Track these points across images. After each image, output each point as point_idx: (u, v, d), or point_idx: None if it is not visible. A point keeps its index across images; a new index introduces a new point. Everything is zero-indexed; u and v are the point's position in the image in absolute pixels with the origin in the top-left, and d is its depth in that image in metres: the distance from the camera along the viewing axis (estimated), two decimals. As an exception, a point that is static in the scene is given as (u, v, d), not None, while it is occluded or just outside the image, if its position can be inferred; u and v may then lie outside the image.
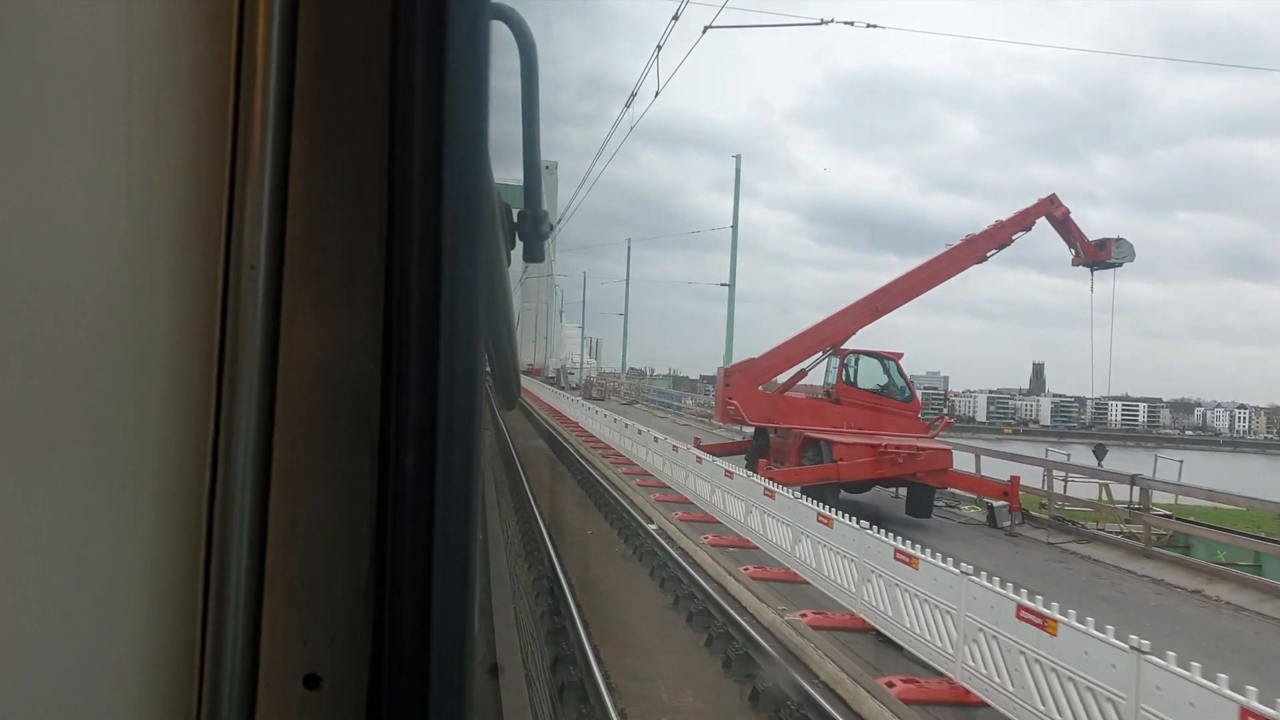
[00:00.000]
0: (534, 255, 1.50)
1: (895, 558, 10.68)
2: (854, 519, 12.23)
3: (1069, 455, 21.98)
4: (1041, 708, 7.87)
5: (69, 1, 0.85)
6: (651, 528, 15.85)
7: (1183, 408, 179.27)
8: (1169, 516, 18.98)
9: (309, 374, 0.93)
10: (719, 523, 16.59)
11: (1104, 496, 20.13)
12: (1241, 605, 14.52)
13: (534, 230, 1.47)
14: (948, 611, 9.48)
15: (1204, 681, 6.17)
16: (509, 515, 16.47)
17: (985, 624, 8.78)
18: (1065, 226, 23.45)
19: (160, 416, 0.90)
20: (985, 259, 22.81)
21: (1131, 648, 6.89)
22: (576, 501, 19.83)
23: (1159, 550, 17.70)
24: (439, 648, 0.91)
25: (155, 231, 0.90)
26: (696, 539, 15.06)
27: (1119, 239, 22.90)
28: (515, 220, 1.45)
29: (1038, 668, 7.98)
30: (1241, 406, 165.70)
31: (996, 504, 20.07)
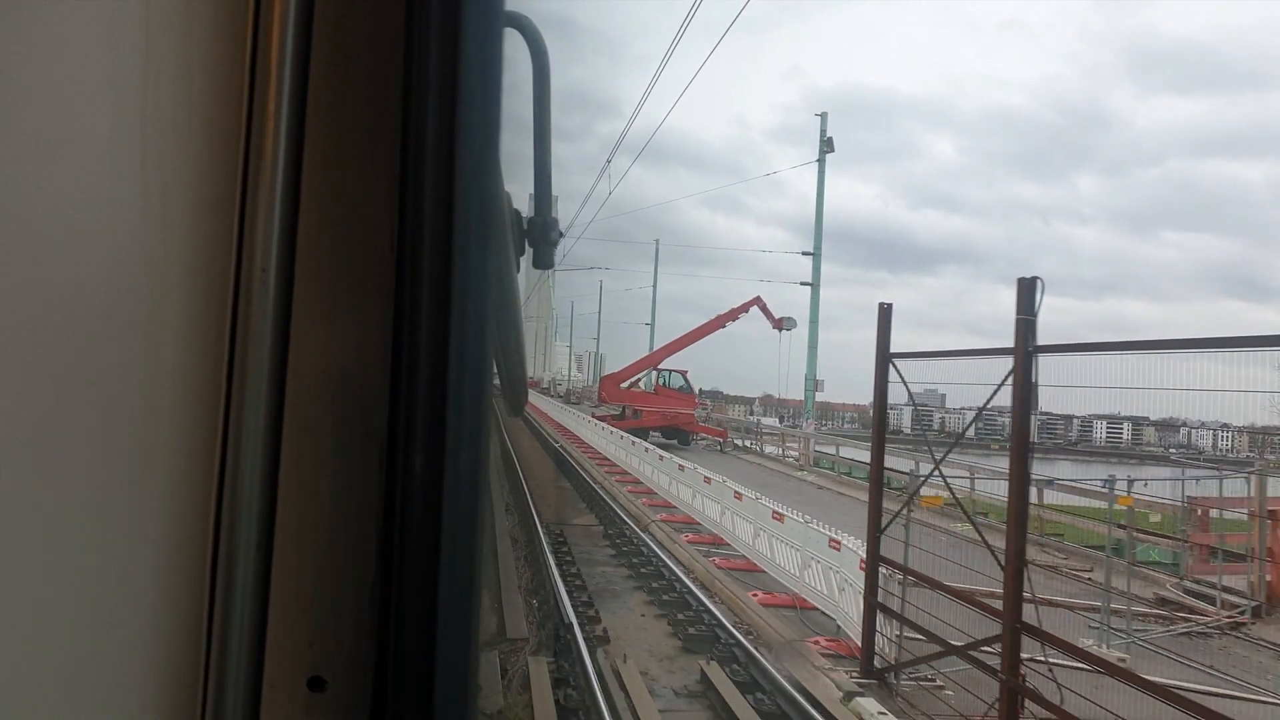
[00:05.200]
0: (543, 262, 1.51)
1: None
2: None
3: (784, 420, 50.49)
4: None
5: (89, 4, 0.86)
6: (556, 445, 37.17)
7: (1169, 426, 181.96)
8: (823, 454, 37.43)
9: (319, 376, 0.94)
10: (588, 444, 37.94)
11: (783, 440, 42.25)
12: (779, 470, 34.03)
13: (543, 237, 1.48)
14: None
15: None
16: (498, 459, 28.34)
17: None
18: (765, 311, 45.13)
19: (169, 416, 0.91)
20: (725, 326, 46.33)
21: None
22: (529, 435, 42.26)
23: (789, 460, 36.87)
24: (444, 652, 0.91)
25: (169, 231, 0.90)
26: (575, 449, 36.18)
27: (788, 317, 44.45)
28: (525, 227, 1.46)
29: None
30: (1225, 426, 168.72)
31: (722, 441, 44.39)
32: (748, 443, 45.44)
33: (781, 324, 44.73)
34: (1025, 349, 7.89)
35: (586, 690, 8.86)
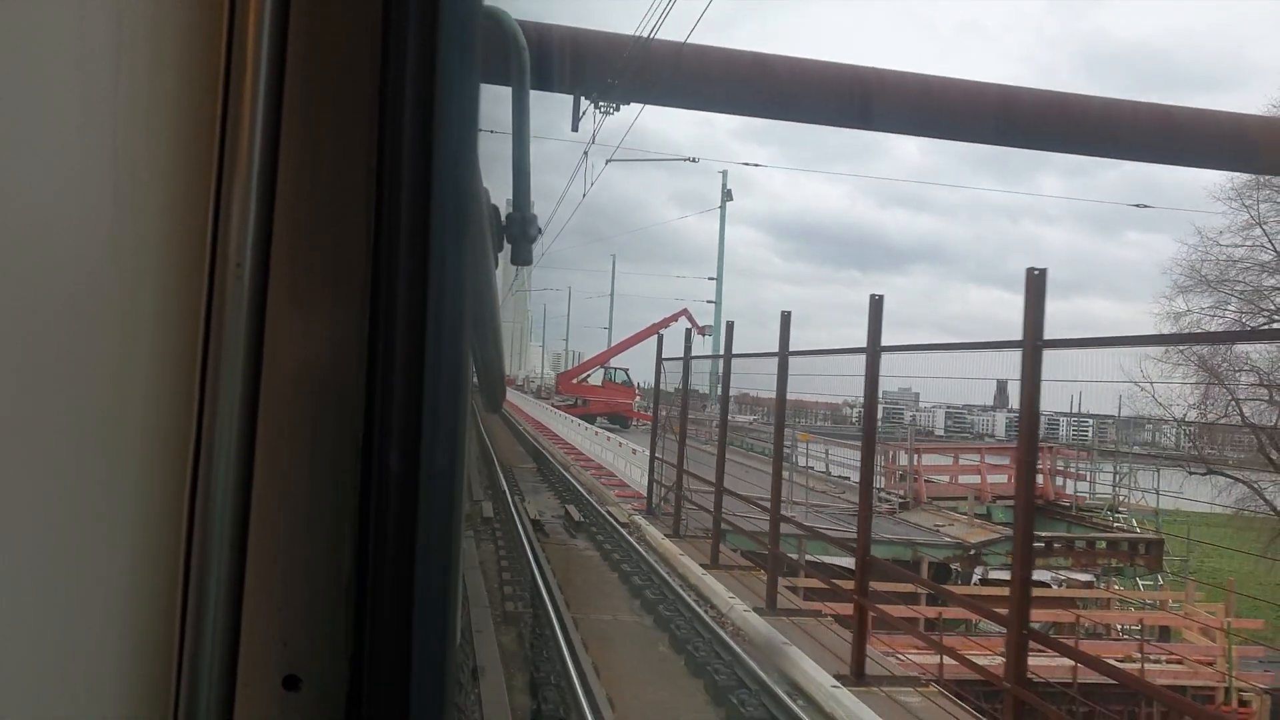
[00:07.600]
0: (521, 258, 1.50)
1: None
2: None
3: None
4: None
5: None
6: (522, 428, 43.83)
7: (1133, 424, 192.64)
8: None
9: (293, 373, 0.93)
10: (543, 424, 47.25)
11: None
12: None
13: (522, 233, 1.47)
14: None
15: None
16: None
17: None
18: (691, 320, 52.53)
19: (142, 412, 0.90)
20: (660, 334, 52.93)
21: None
22: (500, 423, 46.12)
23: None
24: (420, 650, 0.91)
25: (141, 227, 0.89)
26: (525, 423, 46.73)
27: (708, 325, 52.14)
28: (503, 223, 1.46)
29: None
30: (1183, 423, 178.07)
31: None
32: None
33: (704, 331, 52.47)
34: (658, 359, 18.24)
35: (505, 509, 19.19)
